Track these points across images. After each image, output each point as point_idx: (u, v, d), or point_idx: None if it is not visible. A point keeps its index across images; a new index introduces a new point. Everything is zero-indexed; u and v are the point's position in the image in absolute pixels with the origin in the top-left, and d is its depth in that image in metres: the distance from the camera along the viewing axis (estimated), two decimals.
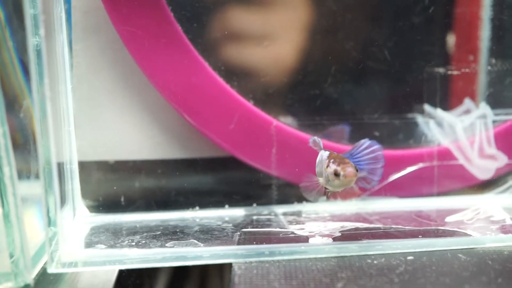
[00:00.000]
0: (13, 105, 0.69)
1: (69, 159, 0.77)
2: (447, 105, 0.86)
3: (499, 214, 0.80)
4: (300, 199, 0.84)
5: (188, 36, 0.78)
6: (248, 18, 0.81)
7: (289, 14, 0.82)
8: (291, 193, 0.84)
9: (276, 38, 0.82)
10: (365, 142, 0.72)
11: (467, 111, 0.86)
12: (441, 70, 0.86)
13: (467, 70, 0.86)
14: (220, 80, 0.80)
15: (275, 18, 0.82)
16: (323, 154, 0.72)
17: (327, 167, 0.70)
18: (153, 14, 0.76)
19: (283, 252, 0.69)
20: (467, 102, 0.87)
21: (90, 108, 0.80)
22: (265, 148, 0.81)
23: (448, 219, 0.79)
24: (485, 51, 0.88)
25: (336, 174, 0.69)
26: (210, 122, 0.80)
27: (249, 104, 0.81)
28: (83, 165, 0.80)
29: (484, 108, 0.85)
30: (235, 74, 0.81)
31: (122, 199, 0.81)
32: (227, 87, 0.80)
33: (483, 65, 0.87)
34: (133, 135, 0.82)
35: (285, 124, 0.82)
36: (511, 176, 0.87)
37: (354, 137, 0.84)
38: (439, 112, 0.85)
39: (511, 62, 0.87)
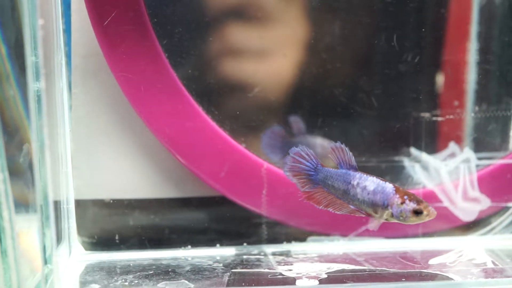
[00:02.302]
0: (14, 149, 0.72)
1: (66, 198, 0.80)
2: (432, 149, 0.90)
3: (481, 257, 0.83)
4: (289, 239, 0.87)
5: (182, 82, 0.81)
6: (241, 68, 0.85)
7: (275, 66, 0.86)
8: (280, 232, 0.87)
9: (265, 87, 0.86)
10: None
11: (452, 155, 0.89)
12: (427, 115, 0.89)
13: (451, 116, 0.89)
14: (213, 124, 0.83)
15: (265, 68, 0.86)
16: (386, 187, 0.71)
17: (401, 203, 0.70)
18: (150, 61, 0.80)
19: None
20: (452, 146, 0.90)
21: (88, 149, 0.83)
22: (256, 189, 0.84)
23: (431, 261, 0.82)
24: (470, 97, 0.91)
25: (418, 212, 0.69)
26: (203, 164, 0.83)
27: (241, 147, 0.84)
28: (79, 204, 0.83)
29: (467, 152, 0.88)
30: (228, 119, 0.84)
31: (117, 237, 0.84)
32: (220, 130, 0.83)
33: (467, 110, 0.90)
34: (129, 175, 0.84)
35: (275, 166, 0.85)
36: (494, 218, 0.90)
37: None
38: (424, 156, 0.88)
39: (493, 108, 0.91)
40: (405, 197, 0.70)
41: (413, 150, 0.89)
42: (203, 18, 0.83)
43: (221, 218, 0.86)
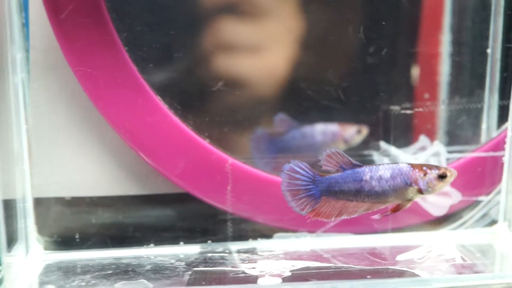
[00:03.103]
0: None
1: (23, 197, 0.78)
2: (403, 143, 0.88)
3: (450, 253, 0.81)
4: (255, 235, 0.85)
5: (144, 76, 0.79)
6: (204, 61, 0.83)
7: (240, 60, 0.84)
8: (246, 229, 0.85)
9: (229, 81, 0.84)
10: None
11: (423, 148, 0.88)
12: (396, 108, 0.87)
13: (421, 109, 0.87)
14: (175, 119, 0.81)
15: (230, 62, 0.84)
16: (402, 167, 0.70)
17: (425, 175, 0.69)
18: (109, 55, 0.77)
19: None
20: (423, 139, 0.88)
21: (48, 146, 0.81)
22: (220, 185, 0.82)
23: (399, 257, 0.80)
24: (441, 90, 0.90)
25: (443, 176, 0.69)
26: (165, 160, 0.81)
27: (205, 143, 0.82)
28: (39, 202, 0.81)
29: (437, 146, 0.86)
30: (191, 114, 0.82)
31: (78, 236, 0.82)
32: (182, 126, 0.81)
33: (438, 103, 0.88)
34: (91, 172, 0.82)
35: (241, 162, 0.83)
36: (465, 212, 0.88)
37: None
38: (393, 150, 0.86)
39: (465, 101, 0.89)
40: (424, 168, 0.69)
41: (383, 144, 0.87)
42: (163, 11, 0.81)
43: (186, 215, 0.85)
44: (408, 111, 0.87)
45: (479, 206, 0.88)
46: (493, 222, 0.88)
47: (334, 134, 0.88)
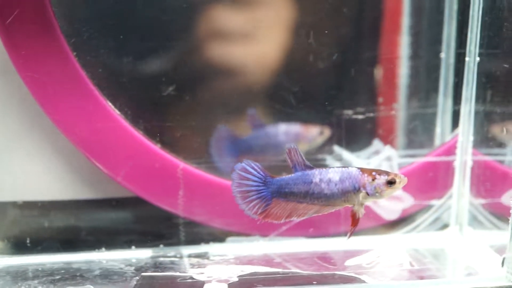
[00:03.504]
0: None
1: None
2: (356, 147, 0.88)
3: (400, 258, 0.82)
4: (207, 239, 0.86)
5: (93, 81, 0.79)
6: (154, 65, 0.83)
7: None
8: (199, 233, 0.85)
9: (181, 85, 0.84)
10: None
11: (377, 153, 0.88)
12: (349, 112, 0.88)
13: (371, 114, 0.88)
14: (125, 124, 0.81)
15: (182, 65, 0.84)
16: (352, 171, 0.70)
17: (373, 180, 0.69)
18: (57, 60, 0.77)
19: None
20: (376, 144, 0.88)
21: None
22: (172, 190, 0.83)
23: (348, 262, 0.81)
24: (394, 94, 0.90)
25: (391, 182, 0.69)
26: (115, 165, 0.81)
27: (155, 147, 0.82)
28: None
29: (388, 150, 0.87)
30: (141, 118, 0.82)
31: (28, 240, 0.82)
32: (132, 131, 0.81)
33: (391, 107, 0.89)
34: (42, 177, 0.83)
35: (192, 166, 0.83)
36: (418, 216, 0.89)
37: None
38: (345, 154, 0.87)
39: (416, 106, 0.89)
40: (373, 173, 0.69)
41: (336, 148, 0.88)
42: (112, 15, 0.81)
43: (138, 220, 0.85)
44: (361, 116, 0.88)
45: (432, 210, 0.88)
46: (445, 226, 0.88)
47: (297, 135, 0.88)
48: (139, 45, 0.83)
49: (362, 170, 0.70)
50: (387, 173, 0.70)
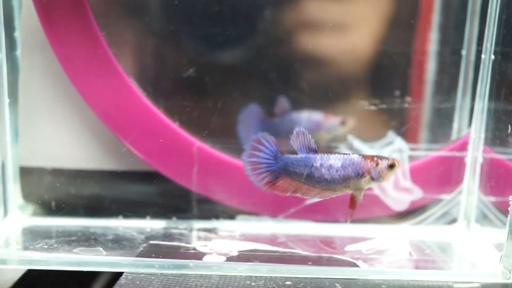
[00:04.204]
0: None
1: (2, 165, 0.86)
2: (369, 137, 0.90)
3: (400, 248, 0.83)
4: (218, 216, 0.90)
5: (119, 59, 0.85)
6: (176, 47, 0.88)
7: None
8: (210, 209, 0.89)
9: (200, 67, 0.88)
10: None
11: (390, 144, 0.90)
12: (364, 103, 0.90)
13: (385, 105, 0.89)
14: (147, 101, 0.86)
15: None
16: (354, 158, 0.72)
17: (376, 165, 0.72)
18: (86, 38, 0.83)
19: (172, 266, 0.75)
20: (391, 135, 0.90)
21: (33, 120, 0.88)
22: (187, 166, 0.87)
23: (348, 248, 0.83)
24: (413, 88, 0.91)
25: (392, 166, 0.72)
26: (136, 140, 0.86)
27: (174, 126, 0.87)
28: (22, 170, 0.88)
29: (399, 142, 0.88)
30: (162, 97, 0.87)
31: (54, 204, 0.89)
32: (153, 108, 0.86)
33: (404, 101, 0.90)
34: (71, 146, 0.89)
35: (207, 145, 0.88)
36: (428, 209, 0.90)
37: None
38: (356, 143, 0.89)
39: (437, 100, 0.90)
40: (375, 159, 0.72)
41: (349, 137, 0.90)
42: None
43: (156, 193, 0.90)
44: (375, 107, 0.89)
45: (441, 204, 0.89)
46: (454, 221, 0.89)
47: (317, 123, 0.91)
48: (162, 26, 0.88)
49: (364, 156, 0.72)
50: (385, 158, 0.73)
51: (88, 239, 0.82)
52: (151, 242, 0.82)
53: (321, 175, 0.72)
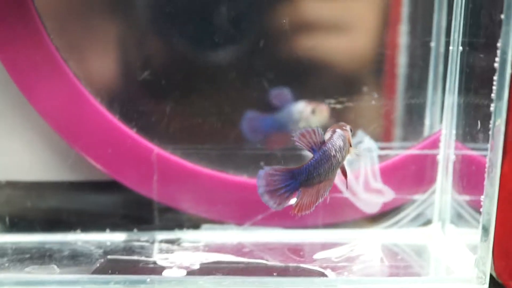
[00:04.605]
0: None
1: None
2: None
3: (372, 253, 0.79)
4: (181, 226, 0.86)
5: (70, 66, 0.80)
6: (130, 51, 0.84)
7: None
8: (173, 219, 0.85)
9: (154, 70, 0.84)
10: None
11: (359, 143, 0.86)
12: (331, 102, 0.85)
13: (350, 103, 0.85)
14: (102, 108, 0.82)
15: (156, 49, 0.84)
16: (340, 132, 0.69)
17: (348, 132, 0.70)
18: (34, 44, 0.79)
19: (128, 283, 0.71)
20: (360, 135, 0.86)
21: None
22: (146, 174, 0.83)
23: (317, 255, 0.79)
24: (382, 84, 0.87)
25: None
26: (92, 148, 0.82)
27: (131, 132, 0.83)
28: None
29: (368, 142, 0.84)
30: (118, 103, 0.83)
31: (8, 219, 0.85)
32: (109, 115, 0.82)
33: (372, 99, 0.86)
34: (25, 157, 0.85)
35: (167, 152, 0.84)
36: (400, 210, 0.86)
37: (242, 166, 0.85)
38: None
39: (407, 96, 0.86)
40: (343, 127, 0.70)
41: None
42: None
43: (114, 203, 0.86)
44: (340, 105, 0.85)
45: (415, 205, 0.85)
46: (429, 222, 0.85)
47: (300, 112, 0.87)
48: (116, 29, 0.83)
49: (339, 127, 0.70)
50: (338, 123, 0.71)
51: (42, 256, 0.78)
52: (109, 257, 0.78)
53: (337, 160, 0.68)
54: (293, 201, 0.66)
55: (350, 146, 0.70)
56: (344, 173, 0.70)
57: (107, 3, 0.83)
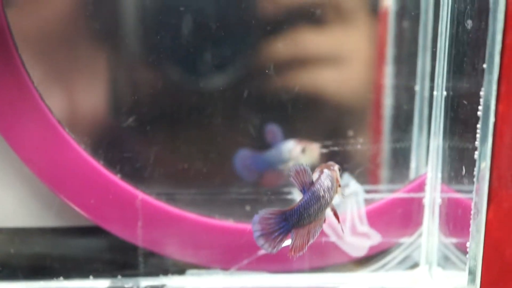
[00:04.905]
0: None
1: None
2: None
3: None
4: (167, 271, 0.84)
5: (52, 110, 0.80)
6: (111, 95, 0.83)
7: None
8: (158, 264, 0.84)
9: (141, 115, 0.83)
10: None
11: (345, 186, 0.85)
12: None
13: (337, 147, 0.85)
14: (84, 154, 0.81)
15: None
16: (328, 172, 0.69)
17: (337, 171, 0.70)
18: (16, 88, 0.78)
19: None
20: (346, 178, 0.86)
21: None
22: (131, 220, 0.82)
23: None
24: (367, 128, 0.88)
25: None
26: (76, 195, 0.81)
27: (115, 178, 0.82)
28: None
29: (354, 185, 0.84)
30: (101, 148, 0.82)
31: None
32: (92, 161, 0.81)
33: (358, 141, 0.86)
34: (7, 203, 0.83)
35: (152, 197, 0.83)
36: (387, 254, 0.85)
37: (227, 210, 0.84)
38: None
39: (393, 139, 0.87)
40: (331, 167, 0.69)
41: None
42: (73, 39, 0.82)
43: (98, 249, 0.85)
44: (327, 149, 0.85)
45: (401, 247, 0.85)
46: (416, 265, 0.85)
47: (289, 151, 0.86)
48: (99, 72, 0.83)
49: (327, 167, 0.69)
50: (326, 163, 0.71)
51: None
52: None
53: (325, 201, 0.67)
54: (287, 242, 0.66)
55: (339, 186, 0.70)
56: (337, 215, 0.70)
57: (90, 47, 0.83)
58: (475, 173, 0.68)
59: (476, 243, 0.70)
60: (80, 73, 0.83)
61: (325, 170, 0.68)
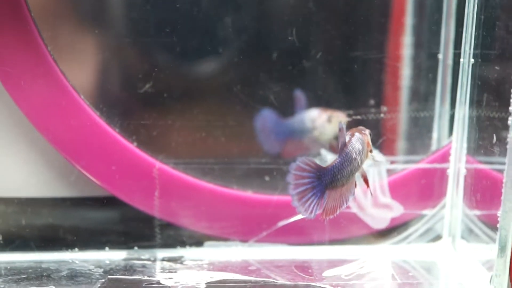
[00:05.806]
0: None
1: None
2: None
3: (383, 270, 0.77)
4: (184, 243, 0.82)
5: (67, 77, 0.77)
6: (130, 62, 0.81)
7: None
8: (175, 236, 0.82)
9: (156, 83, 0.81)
10: None
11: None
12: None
13: (360, 116, 0.83)
14: (100, 121, 0.78)
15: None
16: (359, 135, 0.68)
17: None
18: (30, 54, 0.75)
19: None
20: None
21: None
22: (148, 190, 0.80)
23: (326, 273, 0.76)
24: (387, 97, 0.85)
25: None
26: (91, 164, 0.79)
27: (131, 146, 0.80)
28: None
29: (377, 155, 0.82)
30: (117, 116, 0.80)
31: (2, 237, 0.81)
32: (108, 128, 0.79)
33: (384, 111, 0.84)
34: (20, 173, 0.81)
35: (169, 166, 0.80)
36: (409, 226, 0.84)
37: (246, 181, 0.82)
38: (330, 157, 0.82)
39: (414, 109, 0.84)
40: (363, 131, 0.69)
41: (323, 151, 0.83)
42: (88, 10, 0.79)
43: (114, 220, 0.82)
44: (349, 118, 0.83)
45: (424, 220, 0.83)
46: (438, 237, 0.83)
47: (314, 120, 0.84)
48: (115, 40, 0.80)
49: (358, 131, 0.68)
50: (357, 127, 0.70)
51: (39, 277, 0.74)
52: (110, 277, 0.74)
53: (357, 164, 0.67)
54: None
55: (370, 150, 0.69)
56: (366, 180, 0.69)
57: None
58: (507, 140, 0.66)
59: (507, 213, 0.68)
60: (95, 39, 0.80)
61: (356, 133, 0.67)
